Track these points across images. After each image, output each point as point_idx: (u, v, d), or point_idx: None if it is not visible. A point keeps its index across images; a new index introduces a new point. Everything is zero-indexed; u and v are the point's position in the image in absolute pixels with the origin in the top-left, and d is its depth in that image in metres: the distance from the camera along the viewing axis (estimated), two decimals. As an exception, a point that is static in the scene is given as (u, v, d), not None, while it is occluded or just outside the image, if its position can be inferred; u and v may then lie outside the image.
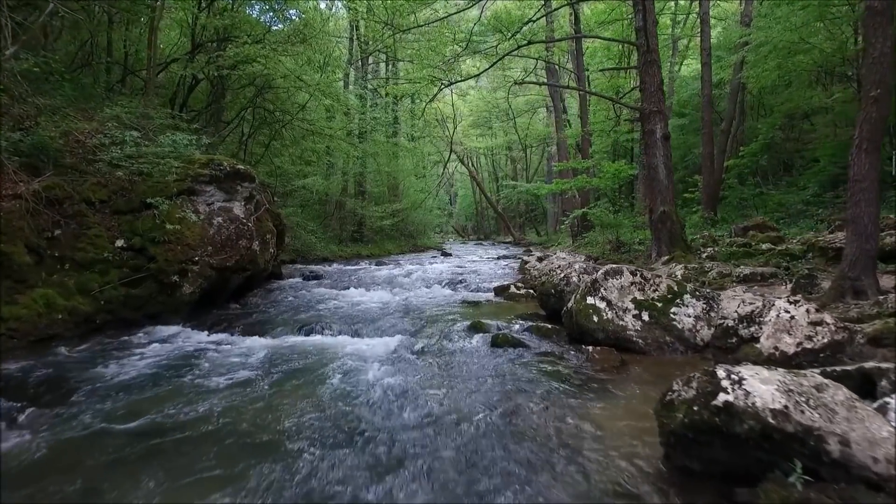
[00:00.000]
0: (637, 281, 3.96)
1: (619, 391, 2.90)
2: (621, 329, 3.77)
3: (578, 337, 4.02)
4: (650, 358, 3.62)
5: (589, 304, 3.93)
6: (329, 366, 3.33)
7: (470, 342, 4.14)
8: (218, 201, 5.79)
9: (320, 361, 3.47)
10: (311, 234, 13.91)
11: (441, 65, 9.44)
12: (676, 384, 1.94)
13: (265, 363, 3.48)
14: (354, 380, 3.01)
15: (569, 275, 4.86)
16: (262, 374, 3.19)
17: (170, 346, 4.11)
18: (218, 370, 3.31)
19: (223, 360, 3.60)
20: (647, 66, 8.25)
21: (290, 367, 3.34)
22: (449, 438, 2.20)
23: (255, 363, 3.48)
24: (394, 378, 3.02)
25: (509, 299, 6.63)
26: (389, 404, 2.63)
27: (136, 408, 2.68)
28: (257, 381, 3.08)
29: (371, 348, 3.91)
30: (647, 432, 2.27)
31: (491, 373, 3.22)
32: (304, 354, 3.73)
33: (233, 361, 3.56)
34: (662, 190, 8.22)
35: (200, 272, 5.48)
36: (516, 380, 3.07)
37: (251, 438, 2.27)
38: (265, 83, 8.21)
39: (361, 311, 5.76)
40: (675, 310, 3.81)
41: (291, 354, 3.74)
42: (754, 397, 1.64)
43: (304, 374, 3.18)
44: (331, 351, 3.80)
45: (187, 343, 4.25)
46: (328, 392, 2.85)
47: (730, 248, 7.32)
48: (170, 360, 3.65)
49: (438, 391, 2.80)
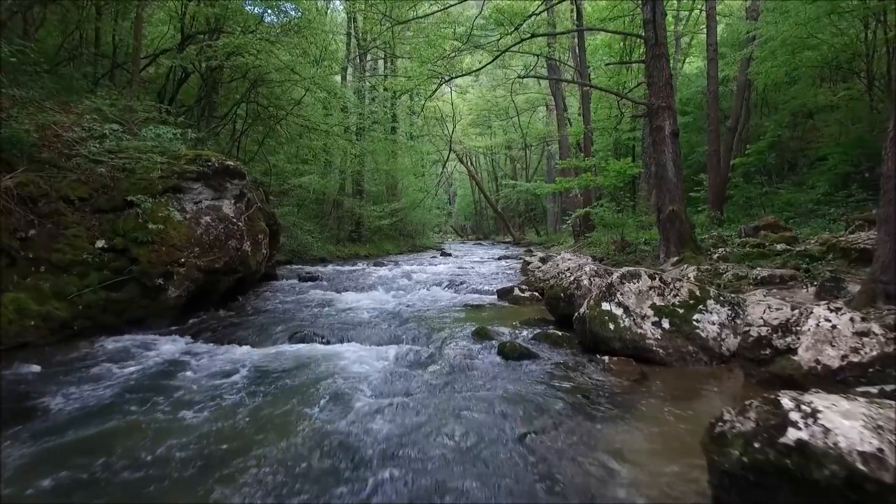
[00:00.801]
0: (656, 285, 3.66)
1: (644, 410, 2.59)
2: (640, 338, 3.47)
3: (592, 345, 3.71)
4: (672, 370, 3.31)
5: (604, 310, 3.62)
6: (319, 385, 2.98)
7: (475, 352, 3.84)
8: (206, 199, 5.47)
9: (309, 378, 3.13)
10: (307, 234, 13.59)
11: (441, 59, 9.13)
12: (728, 413, 1.63)
13: (247, 380, 3.15)
14: (345, 405, 2.61)
15: (579, 278, 4.55)
16: (241, 397, 2.82)
17: (149, 357, 3.78)
18: (193, 390, 2.98)
19: (202, 375, 3.28)
20: (656, 59, 7.95)
21: (275, 388, 2.95)
22: (457, 482, 1.87)
23: (236, 380, 3.15)
24: (390, 403, 2.63)
25: (514, 302, 6.33)
26: (385, 443, 2.23)
27: (83, 446, 2.23)
28: (234, 409, 2.66)
29: (366, 359, 3.60)
30: (684, 464, 1.96)
31: (500, 390, 2.91)
32: (292, 368, 3.41)
33: (212, 378, 3.23)
34: (671, 188, 7.93)
35: (187, 275, 5.16)
36: (528, 399, 2.75)
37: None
38: (258, 77, 7.88)
39: (357, 316, 5.45)
40: (697, 317, 3.51)
41: (278, 368, 3.41)
42: (836, 436, 1.34)
43: (288, 396, 2.79)
44: (322, 363, 3.48)
45: (168, 353, 3.93)
46: (313, 425, 2.40)
47: (742, 249, 7.03)
48: (144, 375, 3.33)
49: (441, 419, 2.42)
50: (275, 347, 4.10)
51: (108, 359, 3.75)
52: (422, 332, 4.51)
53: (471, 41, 9.47)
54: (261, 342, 4.31)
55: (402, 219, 20.05)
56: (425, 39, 10.79)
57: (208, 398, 2.84)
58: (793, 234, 7.54)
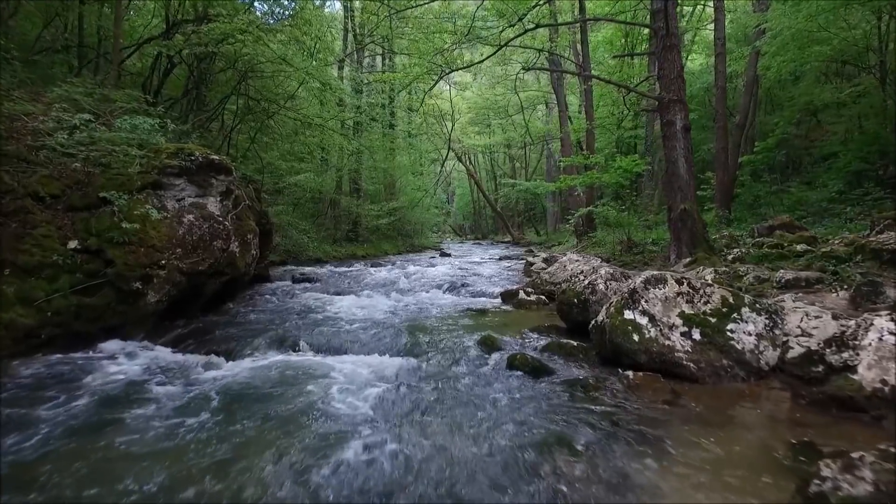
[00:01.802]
0: (684, 291, 3.29)
1: (685, 442, 2.22)
2: (668, 350, 3.09)
3: (612, 358, 3.34)
4: (705, 387, 2.94)
5: (627, 319, 3.25)
6: (302, 411, 2.58)
7: (481, 364, 3.46)
8: (189, 196, 5.08)
9: (292, 402, 2.72)
10: (303, 234, 13.20)
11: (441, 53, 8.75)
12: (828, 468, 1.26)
13: (221, 402, 2.76)
14: (331, 441, 2.20)
15: (594, 282, 4.17)
16: (209, 425, 2.40)
17: (119, 370, 3.40)
18: (164, 412, 2.60)
19: (171, 395, 2.89)
20: (667, 51, 7.58)
21: (249, 415, 2.51)
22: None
23: (208, 402, 2.76)
24: (383, 440, 2.20)
25: (519, 307, 5.96)
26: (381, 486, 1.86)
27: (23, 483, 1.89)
28: (194, 443, 2.24)
29: (359, 376, 3.22)
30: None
31: (513, 416, 2.53)
32: (275, 387, 3.02)
33: (181, 397, 2.84)
34: (683, 186, 7.57)
35: (168, 278, 4.77)
36: (548, 427, 2.37)
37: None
38: (248, 67, 7.47)
39: (352, 322, 5.06)
40: (731, 326, 3.14)
41: (259, 387, 3.02)
42: None
43: (262, 428, 2.38)
44: (309, 381, 3.09)
45: (141, 365, 3.54)
46: (286, 473, 1.96)
47: (760, 250, 6.67)
48: (107, 393, 2.94)
49: (445, 460, 2.03)
50: (260, 359, 3.72)
51: (72, 372, 3.37)
52: (422, 341, 4.13)
53: (472, 33, 9.09)
54: (245, 353, 3.92)
55: (401, 218, 19.66)
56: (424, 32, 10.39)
57: (181, 420, 2.46)
58: (811, 234, 7.17)
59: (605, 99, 18.95)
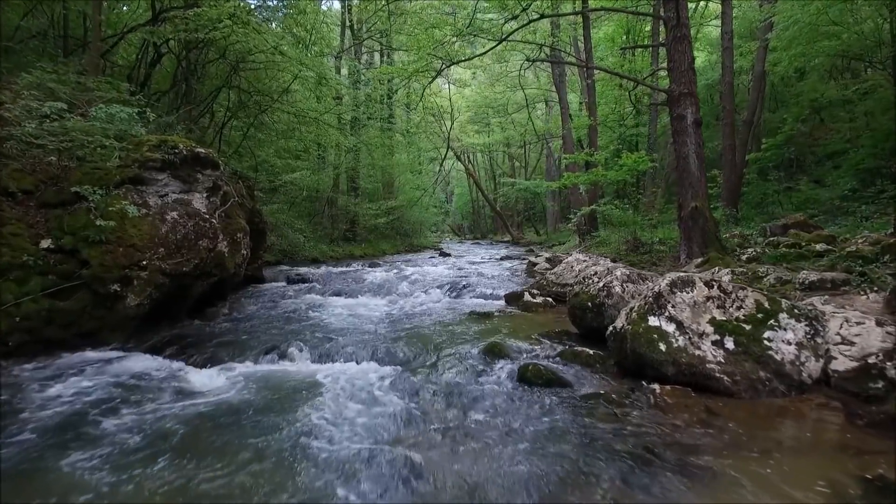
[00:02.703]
0: (714, 295, 2.96)
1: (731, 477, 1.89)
2: (699, 361, 2.77)
3: (634, 369, 3.02)
4: (741, 403, 2.62)
5: (652, 326, 2.92)
6: (285, 434, 2.25)
7: (488, 375, 3.14)
8: (173, 192, 4.74)
9: (275, 420, 2.39)
10: (298, 234, 12.85)
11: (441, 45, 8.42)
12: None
13: (198, 419, 2.44)
14: (315, 476, 1.91)
15: (609, 284, 3.85)
16: (177, 449, 2.08)
17: (89, 382, 3.06)
18: (135, 432, 2.27)
19: (143, 410, 2.57)
20: (677, 42, 7.26)
21: (225, 436, 2.20)
22: None
23: (182, 420, 2.43)
24: (378, 473, 1.92)
25: (525, 309, 5.63)
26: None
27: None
28: (159, 474, 1.92)
29: (354, 388, 2.89)
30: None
31: (526, 437, 2.21)
32: (259, 400, 2.70)
33: (154, 413, 2.52)
34: (694, 182, 7.25)
35: (149, 280, 4.43)
36: (567, 452, 2.06)
37: None
38: (240, 58, 7.11)
39: (348, 326, 4.74)
40: (769, 334, 2.82)
41: (241, 400, 2.70)
42: None
43: (237, 453, 2.07)
44: (296, 395, 2.77)
45: (114, 378, 3.21)
46: None
47: (776, 250, 6.36)
48: (72, 408, 2.62)
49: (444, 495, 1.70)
50: (245, 368, 3.39)
51: (46, 381, 3.04)
52: (422, 348, 3.80)
53: (473, 25, 8.76)
54: (230, 361, 3.59)
55: (399, 217, 19.31)
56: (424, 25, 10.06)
57: (150, 444, 2.13)
58: (829, 233, 6.86)
59: (607, 97, 18.63)
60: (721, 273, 5.58)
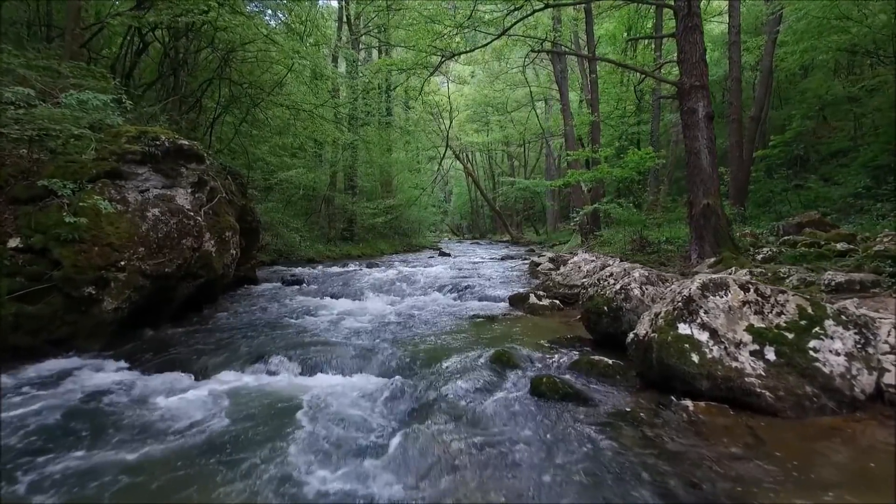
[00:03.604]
0: (751, 299, 2.65)
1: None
2: (736, 375, 2.46)
3: (661, 382, 2.70)
4: (788, 423, 2.31)
5: (682, 334, 2.61)
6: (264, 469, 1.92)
7: (497, 388, 2.82)
8: (155, 187, 4.41)
9: (254, 447, 2.07)
10: (294, 233, 12.52)
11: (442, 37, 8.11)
12: None
13: (164, 445, 2.11)
14: None
15: (627, 287, 3.54)
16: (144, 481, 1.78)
17: (47, 402, 2.72)
18: (68, 480, 1.92)
19: (103, 442, 2.23)
20: (688, 32, 6.97)
21: (192, 470, 1.89)
22: None
23: (148, 446, 2.10)
24: None
25: (531, 312, 5.32)
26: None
27: None
28: None
29: (346, 405, 2.58)
30: None
31: (544, 466, 1.90)
32: (239, 420, 2.38)
33: (116, 435, 2.20)
34: (706, 179, 6.95)
35: (128, 281, 4.10)
36: (597, 485, 1.74)
37: None
38: (230, 48, 6.76)
39: (342, 332, 4.41)
40: (814, 343, 2.50)
41: (218, 424, 2.37)
42: None
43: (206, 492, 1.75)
44: (282, 416, 2.45)
45: (81, 391, 2.88)
46: None
47: (794, 249, 6.06)
48: (26, 429, 2.28)
49: None
50: (227, 380, 3.06)
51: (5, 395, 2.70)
52: (422, 357, 3.48)
53: (474, 16, 8.45)
54: (211, 371, 3.27)
55: (398, 217, 18.98)
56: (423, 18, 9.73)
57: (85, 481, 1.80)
58: (848, 231, 6.57)
59: (608, 94, 18.34)
60: (739, 274, 5.27)
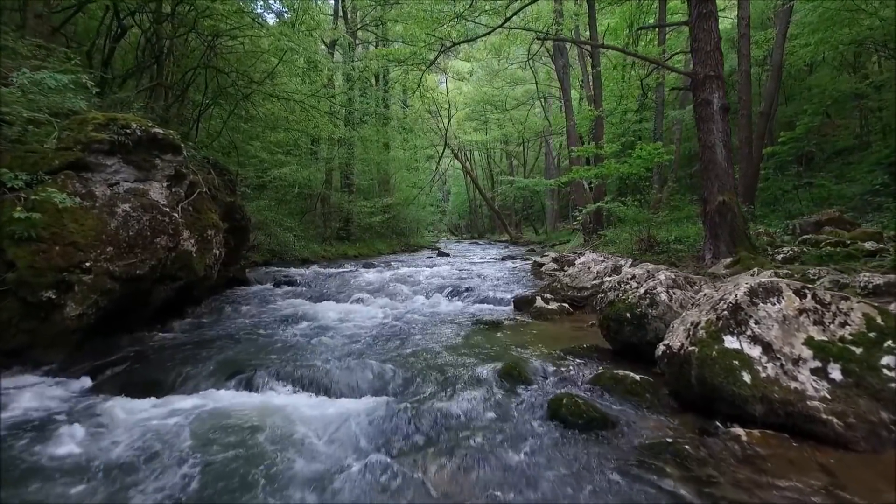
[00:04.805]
0: (809, 307, 2.26)
1: None
2: (797, 398, 2.06)
3: (703, 403, 2.31)
4: (862, 458, 1.92)
5: (730, 348, 2.21)
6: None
7: (510, 412, 2.42)
8: (126, 181, 4.00)
9: (231, 481, 1.69)
10: (288, 232, 12.09)
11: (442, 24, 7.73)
12: None
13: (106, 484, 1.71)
14: None
15: (653, 290, 3.14)
16: None
17: None
18: None
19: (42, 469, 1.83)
20: (702, 19, 6.57)
21: None
22: None
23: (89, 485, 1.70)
24: None
25: (539, 317, 4.92)
26: None
27: None
28: None
29: (331, 433, 2.18)
30: None
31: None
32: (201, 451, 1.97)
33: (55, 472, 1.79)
34: (721, 174, 6.56)
35: (94, 285, 3.69)
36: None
37: None
38: (214, 32, 6.33)
39: (333, 341, 4.01)
40: (887, 360, 2.11)
41: (188, 450, 1.97)
42: None
43: None
44: (260, 446, 2.04)
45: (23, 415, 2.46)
46: None
47: (818, 249, 5.68)
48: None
49: None
50: (196, 400, 2.65)
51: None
52: (421, 370, 3.08)
53: (475, 6, 8.06)
54: (180, 389, 2.87)
55: (395, 216, 18.57)
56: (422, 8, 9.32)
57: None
58: (874, 230, 6.20)
59: (610, 90, 17.95)
60: (763, 275, 4.88)
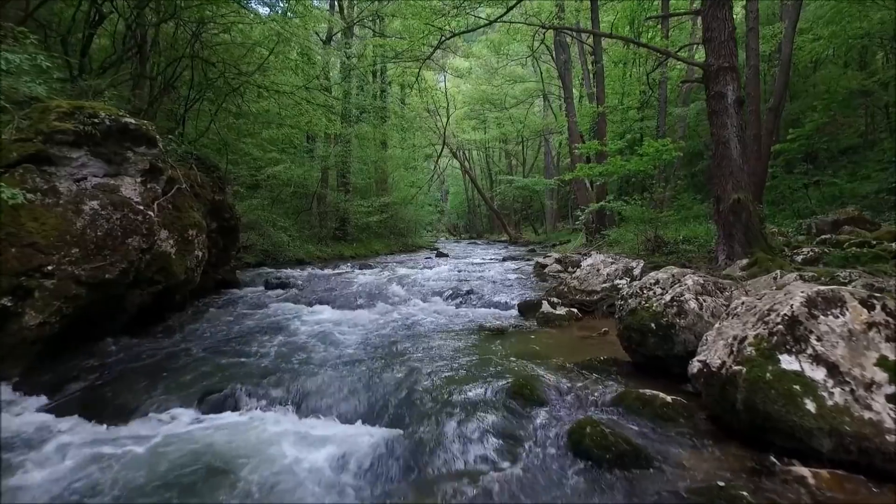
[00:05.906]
0: (879, 320, 1.91)
1: None
2: (872, 431, 1.72)
3: (751, 432, 1.96)
4: (957, 504, 1.56)
5: (787, 370, 1.86)
6: None
7: (523, 443, 2.07)
8: (94, 175, 3.64)
9: None
10: (282, 232, 11.73)
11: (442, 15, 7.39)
12: None
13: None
14: None
15: (680, 297, 2.79)
16: None
17: None
18: None
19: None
20: (715, 7, 6.24)
21: None
22: None
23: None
24: None
25: (546, 323, 4.57)
26: None
27: None
28: None
29: (317, 467, 1.81)
30: None
31: None
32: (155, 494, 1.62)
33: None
34: (735, 171, 6.22)
35: (58, 290, 3.33)
36: None
37: None
38: (199, 19, 5.96)
39: (324, 352, 3.65)
40: (977, 385, 1.76)
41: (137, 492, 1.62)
42: None
43: None
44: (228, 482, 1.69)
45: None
46: None
47: (842, 250, 5.35)
48: None
49: None
50: (163, 426, 2.30)
51: None
52: (419, 388, 2.73)
53: None
54: (146, 410, 2.51)
55: (393, 216, 18.20)
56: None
57: None
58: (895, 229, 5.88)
59: (610, 89, 17.64)
60: (788, 278, 4.54)
